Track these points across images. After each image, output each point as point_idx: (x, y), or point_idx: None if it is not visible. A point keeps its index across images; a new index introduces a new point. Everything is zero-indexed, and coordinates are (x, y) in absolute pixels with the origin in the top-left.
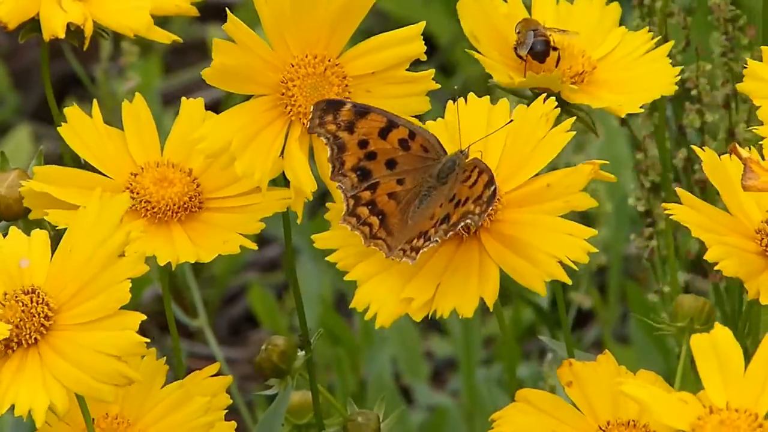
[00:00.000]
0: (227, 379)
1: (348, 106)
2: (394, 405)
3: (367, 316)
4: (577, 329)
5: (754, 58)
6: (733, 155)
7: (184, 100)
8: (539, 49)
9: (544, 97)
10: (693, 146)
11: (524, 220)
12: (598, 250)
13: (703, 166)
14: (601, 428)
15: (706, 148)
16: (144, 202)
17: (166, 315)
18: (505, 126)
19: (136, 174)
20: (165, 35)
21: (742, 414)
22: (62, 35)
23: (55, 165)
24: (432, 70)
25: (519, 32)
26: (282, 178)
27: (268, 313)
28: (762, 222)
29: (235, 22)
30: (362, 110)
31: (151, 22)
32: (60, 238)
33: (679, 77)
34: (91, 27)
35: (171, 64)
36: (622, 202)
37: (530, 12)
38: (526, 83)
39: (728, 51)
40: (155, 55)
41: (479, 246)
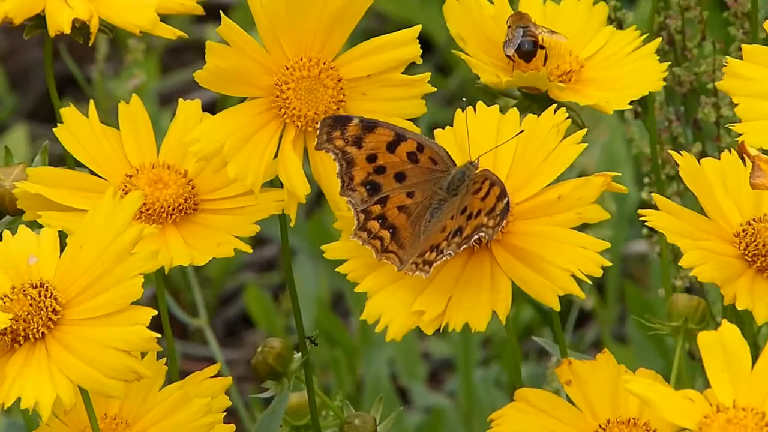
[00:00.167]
0: (227, 381)
1: (355, 121)
2: (392, 406)
3: (378, 329)
4: (577, 329)
5: None
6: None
7: (181, 101)
8: (526, 48)
9: (555, 108)
10: (670, 151)
11: (535, 231)
12: (611, 264)
13: (680, 171)
14: (601, 427)
15: (683, 152)
16: None
17: (161, 316)
18: (515, 137)
19: (131, 175)
20: (170, 31)
21: (749, 413)
22: (68, 31)
23: (52, 166)
24: (428, 74)
25: (509, 26)
26: (278, 179)
27: (264, 314)
28: (741, 225)
29: (229, 25)
30: (370, 125)
31: (158, 19)
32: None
33: (671, 72)
34: (97, 23)
35: (168, 64)
36: (621, 202)
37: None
38: (514, 82)
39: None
40: (153, 55)
41: (490, 258)
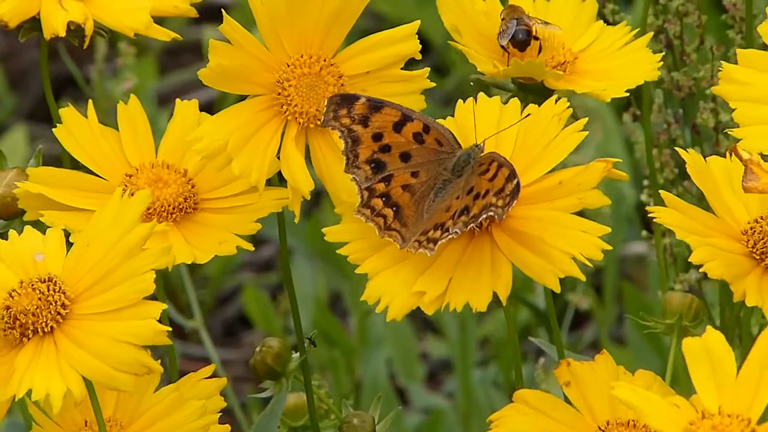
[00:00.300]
0: (222, 381)
1: (362, 100)
2: (390, 406)
3: (378, 309)
4: (574, 330)
5: None
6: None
7: (179, 101)
8: (521, 38)
9: (556, 98)
10: (677, 148)
11: (537, 216)
12: (612, 248)
13: (688, 168)
14: (600, 428)
15: (690, 150)
16: None
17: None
18: (517, 125)
19: (130, 175)
20: (165, 33)
21: (735, 419)
22: (63, 33)
23: (51, 166)
24: (427, 69)
25: (503, 19)
26: (277, 178)
27: (262, 314)
28: (748, 223)
29: (231, 23)
30: (377, 104)
31: (151, 22)
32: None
33: (661, 63)
34: (91, 26)
35: (166, 65)
36: (619, 203)
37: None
38: (510, 71)
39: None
40: (150, 56)
41: (491, 241)
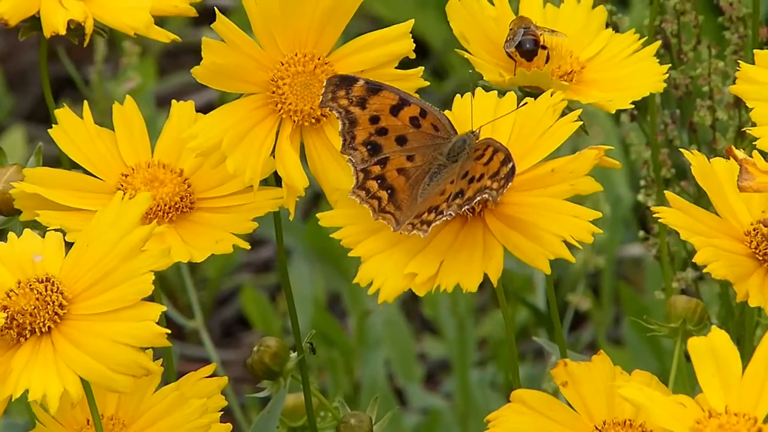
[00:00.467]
0: (222, 380)
1: (361, 82)
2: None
3: (371, 291)
4: (572, 331)
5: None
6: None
7: (175, 102)
8: (528, 47)
9: (552, 92)
10: (682, 149)
11: (529, 202)
12: (603, 231)
13: (692, 169)
14: (597, 428)
15: (694, 151)
16: None
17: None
18: (513, 116)
19: (126, 175)
20: (164, 34)
21: (741, 418)
22: (63, 32)
23: (49, 167)
24: (421, 68)
25: (511, 28)
26: (273, 177)
27: (260, 314)
28: (751, 224)
29: (224, 22)
30: (375, 87)
31: (152, 21)
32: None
33: (668, 74)
34: (91, 24)
35: (165, 66)
36: (615, 206)
37: (517, 15)
38: (517, 81)
39: (740, 49)
40: (150, 57)
41: (483, 226)
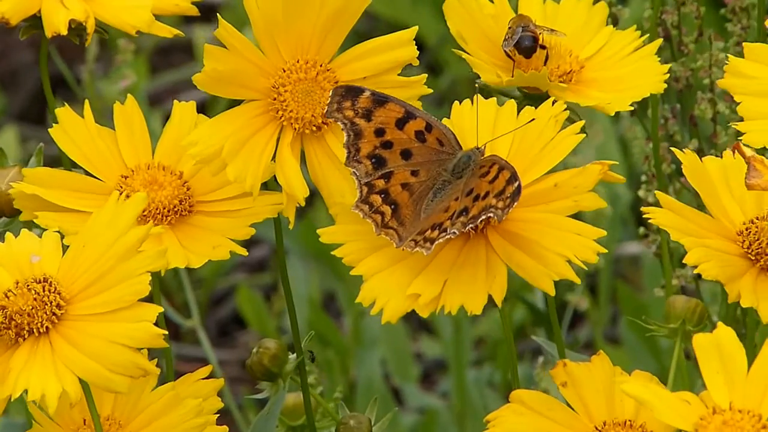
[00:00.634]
0: (219, 382)
1: (367, 93)
2: (385, 407)
3: (373, 311)
4: (569, 330)
5: None
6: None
7: (176, 103)
8: (526, 45)
9: (553, 100)
10: (673, 149)
11: (532, 218)
12: (607, 251)
13: (683, 168)
14: (597, 428)
15: (686, 150)
16: None
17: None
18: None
19: (126, 176)
20: (166, 29)
21: (746, 415)
22: (65, 32)
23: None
24: (424, 75)
25: (510, 27)
26: (273, 181)
27: (256, 314)
28: (744, 224)
29: (226, 27)
30: (381, 99)
31: (153, 20)
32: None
33: (668, 74)
34: (93, 24)
35: (157, 64)
36: (613, 204)
37: (516, 12)
38: (514, 82)
39: (743, 41)
40: (142, 56)
41: (486, 244)
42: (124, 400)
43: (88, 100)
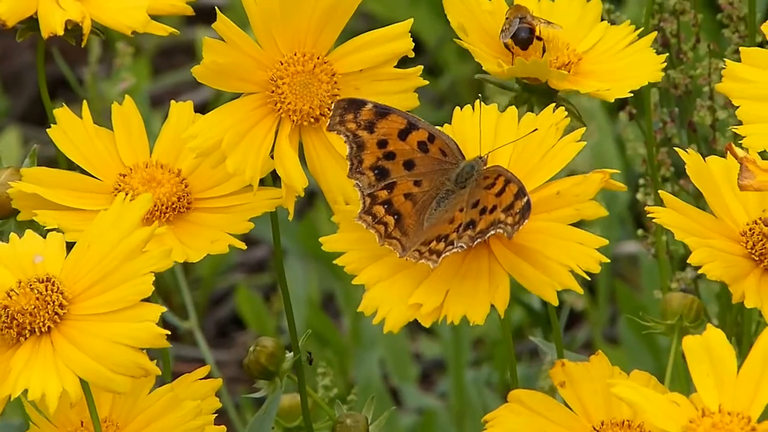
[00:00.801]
0: (217, 382)
1: (369, 105)
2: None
3: (375, 321)
4: (567, 330)
5: None
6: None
7: (174, 103)
8: (523, 36)
9: (554, 107)
10: (677, 149)
11: (534, 227)
12: (609, 260)
13: (687, 169)
14: (595, 429)
15: (690, 150)
16: None
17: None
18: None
19: (124, 175)
20: (162, 28)
21: (735, 417)
22: (61, 32)
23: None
24: (420, 67)
25: (507, 18)
26: (270, 178)
27: (255, 314)
28: (747, 224)
29: (224, 21)
30: (383, 111)
31: (149, 20)
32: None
33: (666, 68)
34: (89, 25)
35: (159, 66)
36: (611, 203)
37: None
38: (515, 70)
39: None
40: (143, 57)
41: (488, 252)
42: (122, 402)
43: (87, 101)
